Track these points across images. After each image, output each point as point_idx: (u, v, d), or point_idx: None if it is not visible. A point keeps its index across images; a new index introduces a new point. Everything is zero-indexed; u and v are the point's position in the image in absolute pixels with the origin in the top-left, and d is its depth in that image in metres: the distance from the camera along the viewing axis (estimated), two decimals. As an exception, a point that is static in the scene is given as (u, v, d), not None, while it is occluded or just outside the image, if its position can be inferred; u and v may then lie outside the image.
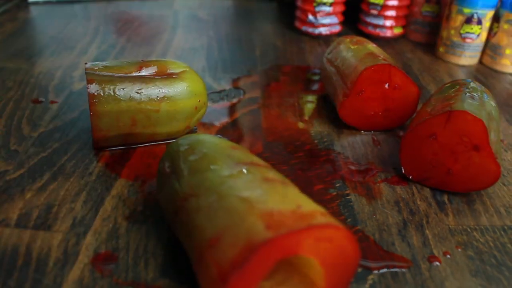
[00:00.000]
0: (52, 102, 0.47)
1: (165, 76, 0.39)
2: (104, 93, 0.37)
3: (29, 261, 0.29)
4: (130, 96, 0.37)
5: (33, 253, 0.29)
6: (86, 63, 0.38)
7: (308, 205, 0.24)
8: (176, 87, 0.39)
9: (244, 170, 0.26)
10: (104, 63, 0.39)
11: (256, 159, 0.28)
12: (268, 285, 0.26)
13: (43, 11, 0.76)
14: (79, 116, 0.45)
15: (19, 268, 0.28)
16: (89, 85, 0.36)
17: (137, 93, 0.38)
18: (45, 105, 0.46)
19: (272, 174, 0.27)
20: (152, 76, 0.39)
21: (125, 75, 0.38)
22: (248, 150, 0.29)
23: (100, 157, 0.39)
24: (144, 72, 0.39)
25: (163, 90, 0.38)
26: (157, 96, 0.38)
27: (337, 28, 0.73)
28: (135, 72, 0.39)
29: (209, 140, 0.30)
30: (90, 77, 0.37)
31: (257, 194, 0.24)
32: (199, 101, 0.40)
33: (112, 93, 0.37)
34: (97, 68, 0.38)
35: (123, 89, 0.37)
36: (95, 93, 0.36)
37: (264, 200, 0.23)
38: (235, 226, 0.22)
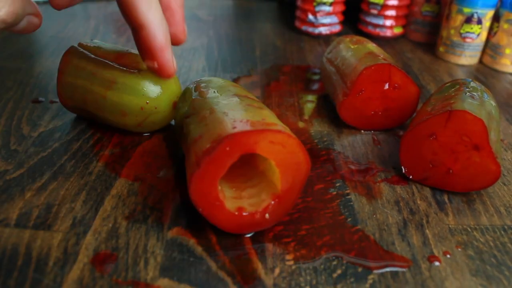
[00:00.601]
0: (52, 102, 0.47)
1: (127, 68, 0.39)
2: (71, 65, 0.40)
3: (29, 261, 0.29)
4: (87, 76, 0.39)
5: (33, 252, 0.29)
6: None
7: (272, 119, 0.31)
8: (127, 81, 0.38)
9: (236, 98, 0.33)
10: (98, 44, 0.42)
11: (251, 96, 0.35)
12: (235, 185, 0.32)
13: (43, 11, 0.75)
14: (79, 115, 0.45)
15: (19, 267, 0.28)
16: (66, 52, 0.40)
17: (92, 74, 0.39)
18: (45, 105, 0.46)
19: (258, 104, 0.33)
20: (116, 66, 0.39)
21: (99, 58, 0.40)
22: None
23: (100, 156, 0.39)
24: (118, 61, 0.40)
25: (114, 80, 0.38)
26: (107, 83, 0.38)
27: (337, 28, 0.73)
28: (112, 59, 0.40)
29: (217, 80, 0.38)
30: (72, 48, 0.40)
31: (237, 111, 0.31)
32: (147, 103, 0.38)
33: (76, 68, 0.40)
34: (87, 45, 0.41)
35: (85, 67, 0.39)
36: (65, 63, 0.40)
37: (240, 114, 0.30)
38: (212, 128, 0.29)
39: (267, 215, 0.31)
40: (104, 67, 0.39)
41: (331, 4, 0.70)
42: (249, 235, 0.32)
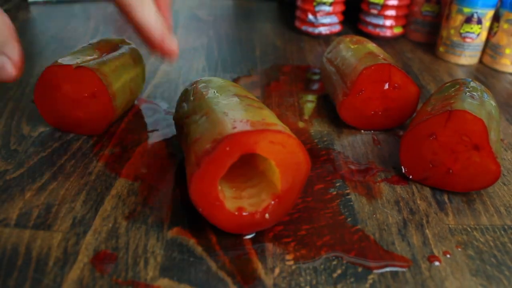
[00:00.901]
0: (52, 102, 0.47)
1: (118, 50, 0.44)
2: (108, 75, 0.40)
3: (29, 261, 0.29)
4: (122, 71, 0.42)
5: (33, 252, 0.29)
6: (56, 61, 0.39)
7: (272, 119, 0.30)
8: (132, 54, 0.45)
9: (236, 98, 0.33)
10: (70, 57, 0.40)
11: (251, 96, 0.35)
12: (235, 185, 0.32)
13: (43, 11, 0.76)
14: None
15: (18, 267, 0.28)
16: (93, 73, 0.38)
17: (122, 66, 0.42)
18: (45, 105, 0.46)
19: (258, 104, 0.33)
20: (122, 51, 0.44)
21: (100, 58, 0.41)
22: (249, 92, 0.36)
23: (100, 156, 0.39)
24: (105, 54, 0.43)
25: (134, 55, 0.45)
26: (132, 63, 0.44)
27: (337, 28, 0.73)
28: (100, 55, 0.42)
29: (217, 80, 0.38)
30: (89, 67, 0.38)
31: (237, 111, 0.31)
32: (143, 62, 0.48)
33: (112, 73, 0.40)
34: (75, 61, 0.39)
35: (117, 66, 0.42)
36: (103, 77, 0.39)
37: (240, 114, 0.30)
38: (212, 128, 0.30)
39: (267, 215, 0.31)
40: (117, 58, 0.42)
41: (331, 4, 0.70)
42: (249, 236, 0.32)
